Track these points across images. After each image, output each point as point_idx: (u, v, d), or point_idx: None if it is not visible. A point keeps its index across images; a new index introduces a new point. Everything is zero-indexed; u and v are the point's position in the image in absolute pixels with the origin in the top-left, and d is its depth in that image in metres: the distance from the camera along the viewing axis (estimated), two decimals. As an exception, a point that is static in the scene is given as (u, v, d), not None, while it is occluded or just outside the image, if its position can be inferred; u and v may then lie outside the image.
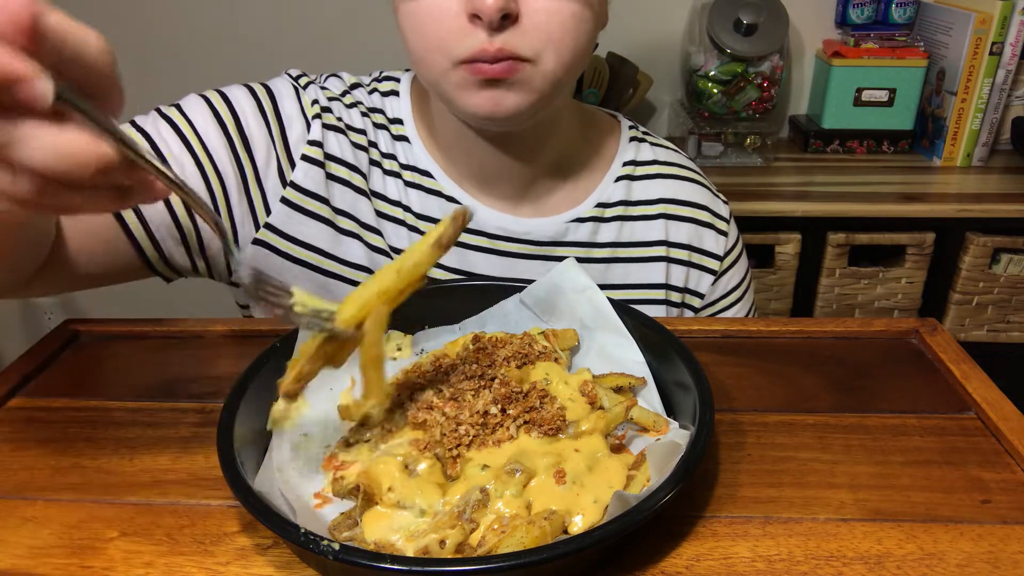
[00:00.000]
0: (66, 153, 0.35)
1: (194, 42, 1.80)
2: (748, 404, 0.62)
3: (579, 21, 0.65)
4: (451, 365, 0.58)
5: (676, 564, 0.47)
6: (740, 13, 1.57)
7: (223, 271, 0.79)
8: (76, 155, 0.35)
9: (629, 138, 0.86)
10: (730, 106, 1.65)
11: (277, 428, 0.56)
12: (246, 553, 0.48)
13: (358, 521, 0.48)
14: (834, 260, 1.53)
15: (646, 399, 0.59)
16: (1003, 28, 1.52)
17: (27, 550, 0.48)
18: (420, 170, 0.79)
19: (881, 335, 0.71)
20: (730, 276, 0.88)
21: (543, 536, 0.45)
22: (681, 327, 0.73)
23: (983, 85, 1.57)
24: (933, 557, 0.47)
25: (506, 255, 0.80)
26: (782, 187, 1.57)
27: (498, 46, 0.63)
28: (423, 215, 0.79)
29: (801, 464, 0.55)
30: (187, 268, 0.77)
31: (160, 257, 0.74)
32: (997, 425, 0.57)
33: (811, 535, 0.49)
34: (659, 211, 0.84)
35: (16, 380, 0.65)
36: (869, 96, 1.66)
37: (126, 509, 0.52)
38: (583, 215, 0.81)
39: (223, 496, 0.53)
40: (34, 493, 0.53)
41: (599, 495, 0.49)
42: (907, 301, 1.57)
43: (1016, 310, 1.55)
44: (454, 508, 0.47)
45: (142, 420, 0.61)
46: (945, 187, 1.58)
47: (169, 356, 0.70)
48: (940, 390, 0.63)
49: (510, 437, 0.52)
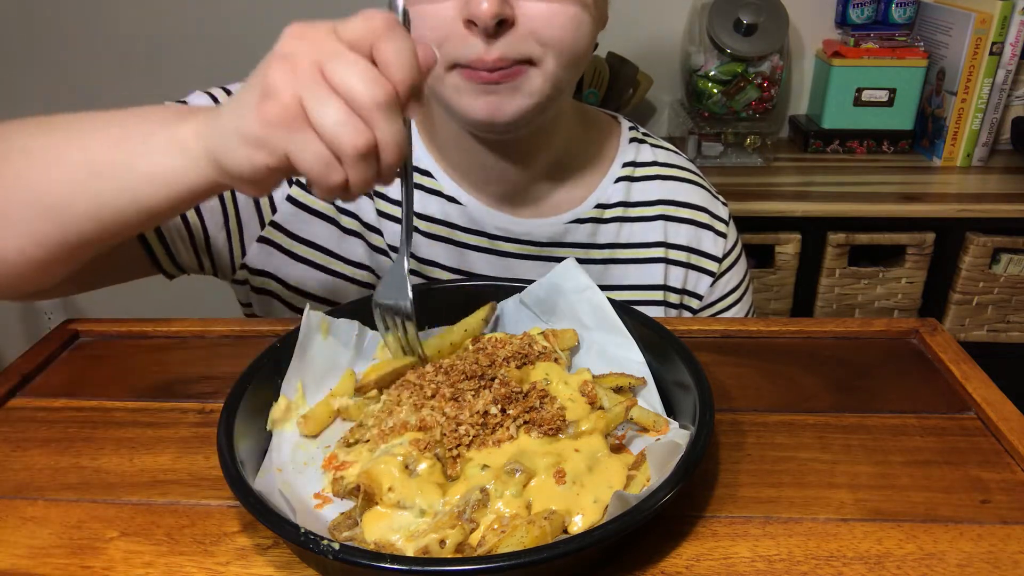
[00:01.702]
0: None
1: (198, 41, 1.81)
2: (748, 404, 0.62)
3: (576, 23, 0.65)
4: (450, 365, 0.58)
5: (676, 564, 0.47)
6: (740, 13, 1.57)
7: (227, 269, 0.79)
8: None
9: (629, 139, 0.86)
10: (730, 106, 1.65)
11: (277, 428, 0.56)
12: (246, 553, 0.48)
13: (358, 521, 0.48)
14: (834, 260, 1.53)
15: (646, 399, 0.59)
16: (1003, 28, 1.52)
17: (27, 550, 0.48)
18: (420, 170, 0.79)
19: (881, 335, 0.71)
20: (729, 278, 0.88)
21: (543, 536, 0.45)
22: (681, 327, 0.73)
23: (983, 85, 1.57)
24: (933, 557, 0.47)
25: (506, 255, 0.80)
26: (782, 187, 1.57)
27: (495, 56, 0.63)
28: (423, 215, 0.79)
29: (801, 464, 0.55)
30: (193, 266, 0.78)
31: (167, 255, 0.75)
32: (997, 425, 0.57)
33: (811, 535, 0.49)
34: (658, 212, 0.84)
35: (16, 380, 0.65)
36: (869, 96, 1.66)
37: (126, 509, 0.52)
38: (583, 216, 0.81)
39: (223, 496, 0.52)
40: (34, 493, 0.53)
41: (599, 495, 0.49)
42: (907, 301, 1.57)
43: (1016, 310, 1.55)
44: (454, 508, 0.47)
45: (142, 420, 0.61)
46: (945, 187, 1.58)
47: (169, 356, 0.70)
48: (940, 390, 0.63)
49: (510, 437, 0.52)
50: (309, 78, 0.45)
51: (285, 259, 0.77)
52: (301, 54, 0.45)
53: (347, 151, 0.45)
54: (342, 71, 0.45)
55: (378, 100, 0.45)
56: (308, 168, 0.46)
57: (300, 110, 0.45)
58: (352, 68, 0.45)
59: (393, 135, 0.46)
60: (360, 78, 0.44)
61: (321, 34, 0.46)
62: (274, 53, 0.46)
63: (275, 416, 0.56)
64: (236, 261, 0.78)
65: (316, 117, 0.45)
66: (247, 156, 0.47)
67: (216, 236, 0.76)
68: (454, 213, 0.79)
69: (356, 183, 0.47)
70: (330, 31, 0.46)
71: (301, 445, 0.56)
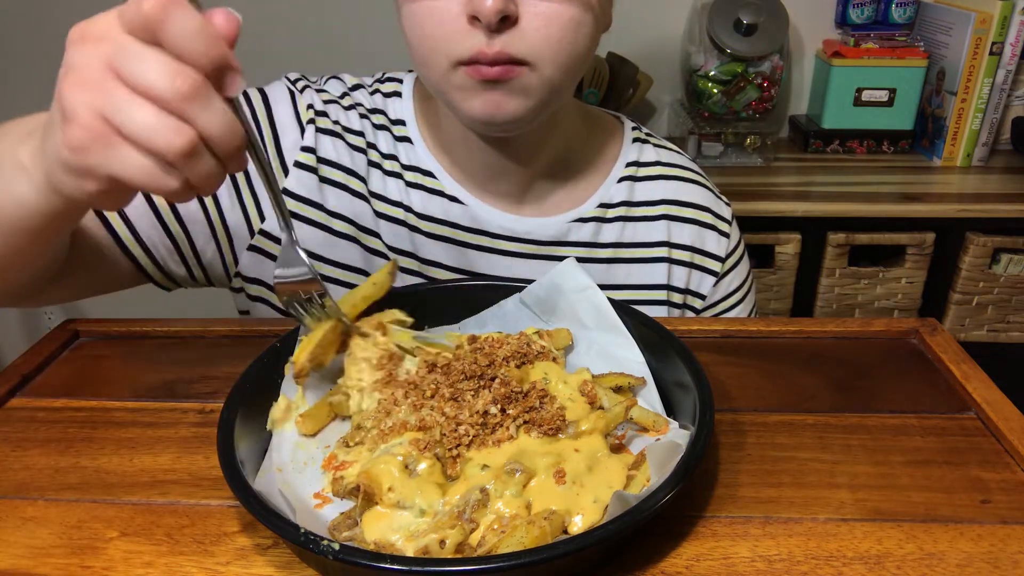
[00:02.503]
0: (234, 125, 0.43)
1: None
2: (748, 404, 0.62)
3: (579, 25, 0.65)
4: (449, 365, 0.58)
5: (676, 564, 0.47)
6: (740, 13, 1.57)
7: (223, 279, 0.79)
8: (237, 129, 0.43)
9: (632, 139, 0.86)
10: (730, 106, 1.65)
11: (277, 428, 0.56)
12: (246, 553, 0.48)
13: (358, 521, 0.48)
14: (834, 260, 1.53)
15: (646, 399, 0.59)
16: (1003, 28, 1.52)
17: (27, 550, 0.48)
18: (422, 170, 0.79)
19: (881, 335, 0.71)
20: (731, 278, 0.88)
21: (543, 536, 0.45)
22: (681, 327, 0.73)
23: (983, 85, 1.57)
24: (933, 557, 0.47)
25: (508, 255, 0.80)
26: (782, 187, 1.57)
27: (496, 49, 0.63)
28: (425, 215, 0.79)
29: (801, 464, 0.55)
30: (184, 277, 0.77)
31: (156, 266, 0.74)
32: (997, 425, 0.57)
33: (811, 535, 0.49)
34: (661, 212, 0.84)
35: (16, 380, 0.65)
36: (869, 96, 1.66)
37: (126, 509, 0.52)
38: (585, 215, 0.81)
39: (223, 496, 0.52)
40: (34, 493, 0.53)
41: (599, 495, 0.49)
42: (907, 301, 1.57)
43: (1016, 310, 1.55)
44: (454, 508, 0.47)
45: (142, 420, 0.61)
46: (945, 187, 1.58)
47: (169, 356, 0.70)
48: (940, 390, 0.63)
49: (510, 437, 0.52)
50: (102, 87, 0.40)
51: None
52: (88, 61, 0.41)
53: (171, 154, 0.41)
54: (136, 69, 0.40)
55: (183, 91, 0.40)
56: (138, 182, 0.42)
57: (105, 126, 0.41)
58: (145, 63, 0.40)
59: (216, 123, 0.42)
60: (157, 72, 0.40)
61: (102, 29, 0.41)
62: (64, 65, 0.42)
63: (275, 416, 0.56)
64: (230, 271, 0.78)
65: (125, 128, 0.41)
66: (75, 185, 0.44)
67: (205, 248, 0.75)
68: (456, 213, 0.79)
69: (199, 181, 0.43)
70: (111, 23, 0.41)
71: (301, 445, 0.56)
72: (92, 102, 0.41)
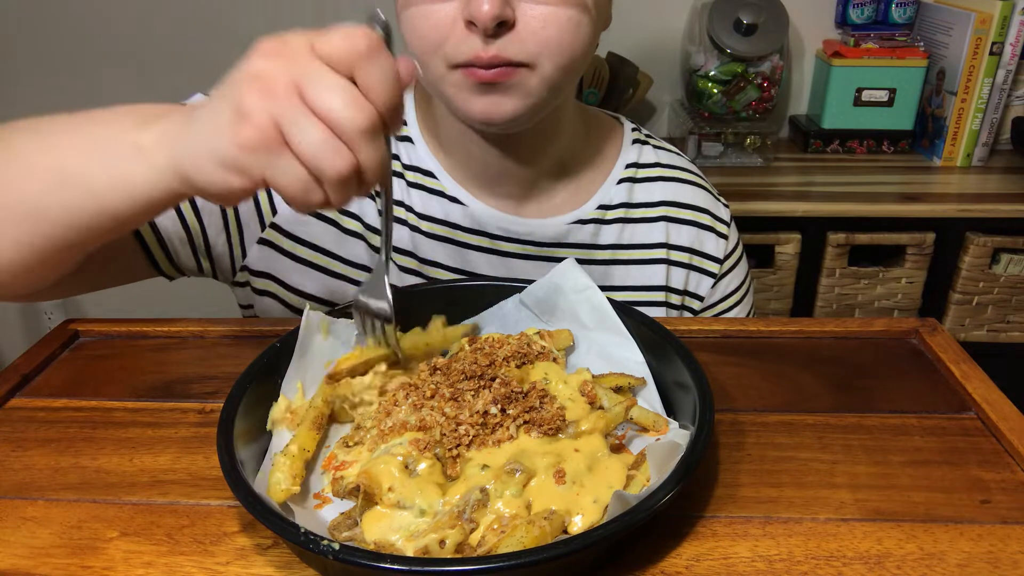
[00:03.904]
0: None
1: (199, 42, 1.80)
2: (748, 404, 0.62)
3: (576, 25, 0.65)
4: (449, 365, 0.58)
5: (676, 564, 0.47)
6: (740, 13, 1.57)
7: (227, 271, 0.79)
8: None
9: (632, 140, 0.86)
10: (730, 106, 1.65)
11: (277, 428, 0.56)
12: (246, 553, 0.48)
13: (358, 521, 0.48)
14: (834, 260, 1.53)
15: (646, 399, 0.59)
16: (1003, 28, 1.52)
17: (27, 550, 0.48)
18: (423, 170, 0.79)
19: (881, 335, 0.71)
20: (730, 279, 0.88)
21: (543, 536, 0.45)
22: (681, 327, 0.73)
23: (983, 85, 1.57)
24: (933, 557, 0.47)
25: (507, 255, 0.80)
26: (782, 187, 1.57)
27: (492, 53, 0.64)
28: (425, 215, 0.79)
29: (801, 464, 0.55)
30: (193, 269, 0.78)
31: (166, 257, 0.75)
32: (997, 425, 0.57)
33: (811, 535, 0.49)
34: (660, 214, 0.84)
35: (16, 380, 0.65)
36: (869, 96, 1.66)
37: (126, 509, 0.52)
38: (585, 216, 0.81)
39: (223, 496, 0.52)
40: (34, 493, 0.53)
41: (599, 495, 0.49)
42: (907, 301, 1.57)
43: (1016, 310, 1.55)
44: (454, 508, 0.47)
45: (142, 420, 0.61)
46: (945, 187, 1.58)
47: (169, 356, 0.70)
48: (940, 390, 0.63)
49: (510, 437, 0.52)
50: (287, 100, 0.43)
51: (285, 261, 0.77)
52: (277, 73, 0.44)
53: (329, 175, 0.44)
54: (325, 95, 0.44)
55: (362, 127, 0.44)
56: (287, 190, 0.45)
57: (278, 133, 0.44)
58: (334, 92, 0.44)
59: (376, 158, 0.45)
60: (343, 102, 0.44)
61: (297, 51, 0.45)
62: (246, 71, 0.45)
63: (275, 416, 0.56)
64: (237, 263, 0.78)
65: (296, 142, 0.44)
66: (223, 179, 0.46)
67: (216, 239, 0.76)
68: (456, 213, 0.79)
69: (336, 202, 0.46)
70: (306, 48, 0.45)
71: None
72: (271, 109, 0.43)
